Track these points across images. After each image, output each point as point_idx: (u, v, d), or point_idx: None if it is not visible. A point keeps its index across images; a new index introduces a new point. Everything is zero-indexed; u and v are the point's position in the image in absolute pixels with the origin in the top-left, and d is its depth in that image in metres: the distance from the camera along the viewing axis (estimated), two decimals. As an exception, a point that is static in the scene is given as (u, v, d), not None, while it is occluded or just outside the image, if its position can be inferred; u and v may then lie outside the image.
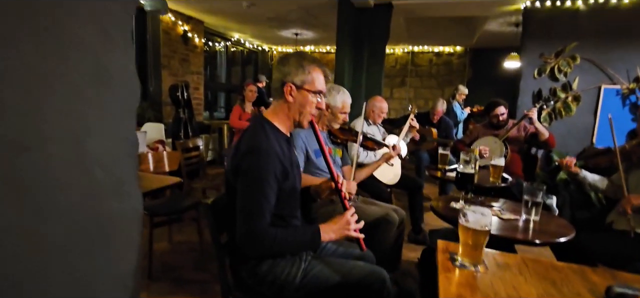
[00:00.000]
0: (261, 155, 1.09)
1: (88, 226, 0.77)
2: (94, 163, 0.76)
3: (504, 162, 2.33)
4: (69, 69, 0.68)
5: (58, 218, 0.70)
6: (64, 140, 0.68)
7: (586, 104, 3.47)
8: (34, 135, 0.64)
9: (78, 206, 0.74)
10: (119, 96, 0.82)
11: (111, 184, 0.83)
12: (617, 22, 3.29)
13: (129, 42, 0.83)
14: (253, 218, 1.07)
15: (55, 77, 0.65)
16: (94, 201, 0.78)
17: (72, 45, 0.68)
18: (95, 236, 0.79)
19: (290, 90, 1.17)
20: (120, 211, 0.87)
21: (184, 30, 5.25)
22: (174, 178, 1.90)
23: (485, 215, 0.92)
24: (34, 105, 0.63)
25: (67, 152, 0.69)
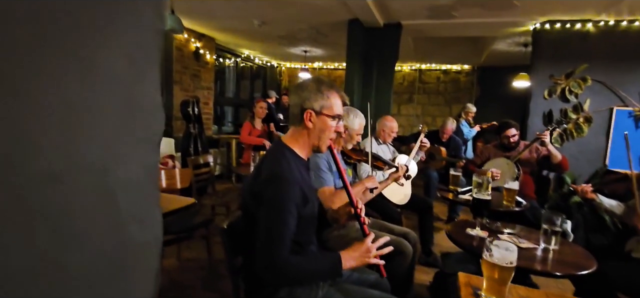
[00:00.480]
0: (283, 184, 1.09)
1: (110, 255, 0.78)
2: (119, 191, 0.77)
3: (518, 185, 2.31)
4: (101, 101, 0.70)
5: (82, 248, 0.70)
6: (92, 170, 0.69)
7: (598, 125, 3.44)
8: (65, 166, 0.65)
9: (101, 235, 0.75)
10: (145, 125, 0.84)
11: (134, 212, 0.84)
12: (628, 45, 3.29)
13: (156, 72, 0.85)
14: (275, 247, 1.07)
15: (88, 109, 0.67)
16: (117, 230, 0.79)
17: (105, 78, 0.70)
18: (116, 265, 0.80)
19: (309, 116, 1.18)
20: (142, 240, 0.88)
21: (196, 47, 5.34)
22: (189, 199, 1.90)
23: (510, 251, 0.91)
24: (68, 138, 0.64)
25: (95, 181, 0.70)
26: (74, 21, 0.61)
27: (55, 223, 0.65)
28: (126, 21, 0.74)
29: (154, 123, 0.85)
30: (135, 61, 0.77)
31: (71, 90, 0.63)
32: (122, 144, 0.76)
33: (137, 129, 0.80)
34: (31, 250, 0.60)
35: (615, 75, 3.34)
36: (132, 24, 0.76)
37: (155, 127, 0.87)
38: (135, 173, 0.81)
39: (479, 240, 1.63)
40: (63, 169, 0.64)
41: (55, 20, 0.59)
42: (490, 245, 0.94)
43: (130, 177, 0.79)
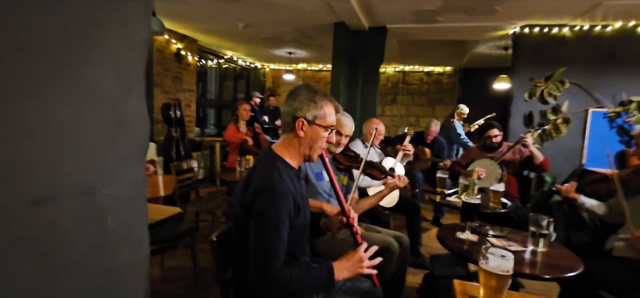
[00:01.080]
0: (275, 195, 1.07)
1: (98, 280, 0.73)
2: (106, 212, 0.73)
3: (503, 187, 2.36)
4: (87, 118, 0.65)
5: (68, 276, 0.66)
6: (77, 191, 0.65)
7: (575, 126, 3.57)
8: (49, 188, 0.61)
9: (88, 260, 0.70)
10: (132, 140, 0.79)
11: (122, 232, 0.79)
12: (602, 48, 3.43)
13: (142, 85, 0.81)
14: (268, 261, 1.04)
15: (73, 128, 0.63)
16: (104, 253, 0.74)
17: (92, 95, 0.66)
18: (105, 289, 0.75)
19: (301, 124, 1.16)
20: (131, 260, 0.84)
21: (177, 48, 5.21)
22: (174, 209, 1.84)
23: (506, 259, 0.92)
24: (49, 159, 0.60)
25: (80, 203, 0.66)
26: (60, 35, 0.57)
27: (40, 250, 0.60)
28: (115, 34, 0.69)
29: (140, 137, 0.81)
30: (123, 75, 0.72)
31: (56, 109, 0.58)
32: (109, 162, 0.71)
33: (124, 144, 0.75)
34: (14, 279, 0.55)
35: (590, 78, 3.47)
36: (121, 37, 0.71)
37: (142, 141, 0.82)
38: (123, 191, 0.77)
39: (469, 244, 1.65)
40: (47, 192, 0.59)
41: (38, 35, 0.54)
42: (486, 253, 0.94)
43: (118, 195, 0.75)
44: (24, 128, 0.54)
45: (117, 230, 0.77)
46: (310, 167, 1.89)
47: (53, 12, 0.56)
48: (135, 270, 0.85)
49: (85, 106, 0.66)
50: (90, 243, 0.72)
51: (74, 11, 0.60)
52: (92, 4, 0.62)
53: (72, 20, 0.60)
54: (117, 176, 0.76)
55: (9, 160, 0.53)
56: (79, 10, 0.60)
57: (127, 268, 0.82)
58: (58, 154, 0.60)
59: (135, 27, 0.73)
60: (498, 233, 1.78)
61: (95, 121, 0.68)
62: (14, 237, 0.55)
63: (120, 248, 0.79)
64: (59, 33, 0.58)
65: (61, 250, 0.65)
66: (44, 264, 0.62)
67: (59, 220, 0.64)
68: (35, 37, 0.55)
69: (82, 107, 0.64)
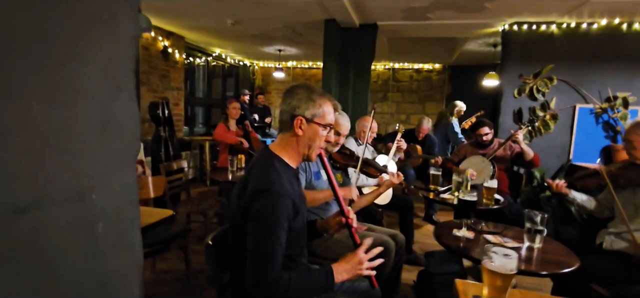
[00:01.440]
0: (274, 197, 1.04)
1: (89, 290, 0.70)
2: (96, 219, 0.69)
3: (496, 184, 2.38)
4: (75, 121, 0.62)
5: (57, 288, 0.62)
6: (65, 198, 0.61)
7: (562, 122, 3.63)
8: (34, 196, 0.57)
9: (79, 270, 0.67)
10: (123, 143, 0.75)
11: (114, 239, 0.75)
12: (589, 46, 3.50)
13: (132, 83, 0.77)
14: (267, 264, 1.01)
15: (59, 131, 0.59)
16: (96, 262, 0.71)
17: (78, 96, 0.62)
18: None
19: (300, 123, 1.13)
20: (123, 267, 0.80)
21: (164, 45, 5.09)
22: (166, 211, 1.79)
23: (510, 258, 0.91)
24: (34, 164, 0.56)
25: (68, 210, 0.62)
26: (41, 32, 0.53)
27: (26, 262, 0.56)
28: (102, 31, 0.65)
29: (130, 138, 0.77)
30: (111, 73, 0.68)
31: (38, 110, 0.54)
32: (98, 165, 0.67)
33: (114, 146, 0.71)
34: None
35: (577, 74, 3.53)
36: (108, 34, 0.67)
37: (133, 143, 0.78)
38: (114, 196, 0.73)
39: (466, 241, 1.65)
40: (31, 199, 0.55)
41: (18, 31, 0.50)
42: (490, 252, 0.93)
43: (108, 200, 0.71)
44: (4, 131, 0.50)
45: (108, 237, 0.74)
46: (308, 166, 1.87)
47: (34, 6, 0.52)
48: (128, 278, 0.81)
49: (71, 107, 0.61)
50: (81, 252, 0.68)
51: (57, 6, 0.55)
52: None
53: (55, 15, 0.56)
54: (107, 180, 0.72)
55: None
56: (61, 5, 0.56)
57: (120, 276, 0.78)
58: (42, 159, 0.56)
59: (122, 22, 0.69)
60: (493, 230, 1.78)
61: (82, 122, 0.64)
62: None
63: (113, 255, 0.76)
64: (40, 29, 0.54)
65: (49, 260, 0.61)
66: (30, 277, 0.58)
67: (45, 229, 0.60)
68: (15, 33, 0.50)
69: (67, 108, 0.60)
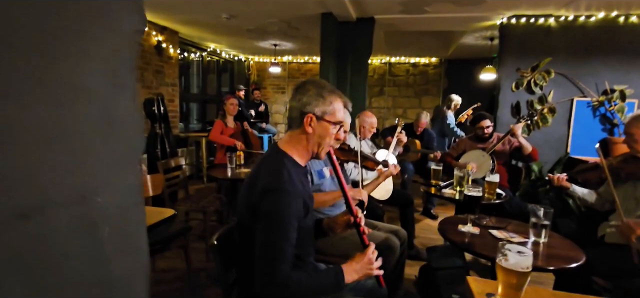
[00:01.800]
0: (284, 196, 1.01)
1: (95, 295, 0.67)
2: (101, 222, 0.66)
3: (498, 178, 2.38)
4: (77, 121, 0.59)
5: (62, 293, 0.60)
6: (68, 201, 0.59)
7: (560, 115, 3.65)
8: (35, 200, 0.54)
9: (84, 275, 0.64)
10: (126, 142, 0.73)
11: (119, 242, 0.73)
12: (586, 39, 3.51)
13: (134, 80, 0.74)
14: (277, 264, 0.99)
15: (60, 132, 0.56)
16: (101, 266, 0.68)
17: (80, 94, 0.59)
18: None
19: (310, 120, 1.11)
20: (130, 271, 0.77)
21: (158, 40, 5.01)
22: (168, 210, 1.75)
23: (525, 255, 0.90)
24: (36, 166, 0.53)
25: (72, 214, 0.60)
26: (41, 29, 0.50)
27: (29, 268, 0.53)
28: (103, 25, 0.62)
29: (135, 138, 0.74)
30: (112, 70, 0.65)
31: (37, 110, 0.51)
32: (102, 167, 0.65)
33: (117, 147, 0.69)
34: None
35: (574, 67, 3.55)
36: (110, 28, 0.64)
37: (137, 143, 0.75)
38: (119, 198, 0.70)
39: (471, 237, 1.65)
40: (33, 204, 0.52)
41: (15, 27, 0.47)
42: (504, 250, 0.92)
43: (113, 203, 0.68)
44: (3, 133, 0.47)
45: (114, 241, 0.71)
46: (312, 165, 1.85)
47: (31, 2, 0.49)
48: (135, 281, 0.79)
49: (72, 106, 0.58)
50: (86, 256, 0.66)
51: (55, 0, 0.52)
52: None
53: (53, 10, 0.52)
54: (111, 182, 0.69)
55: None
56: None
57: (127, 280, 0.76)
58: (44, 161, 0.53)
59: (123, 17, 0.66)
60: (498, 225, 1.78)
61: (84, 122, 0.61)
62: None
63: (119, 259, 0.73)
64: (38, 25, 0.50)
65: (53, 266, 0.59)
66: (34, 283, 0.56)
67: (48, 233, 0.57)
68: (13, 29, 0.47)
69: (69, 107, 0.57)
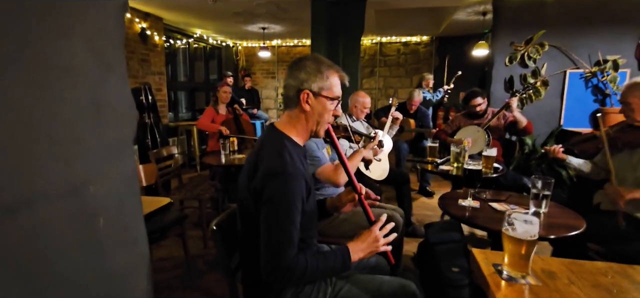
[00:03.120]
0: (288, 179, 0.98)
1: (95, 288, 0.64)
2: (96, 214, 0.62)
3: (495, 152, 2.38)
4: (63, 105, 0.54)
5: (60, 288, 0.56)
6: (59, 193, 0.54)
7: (553, 88, 3.65)
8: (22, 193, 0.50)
9: (81, 269, 0.61)
10: (118, 127, 0.68)
11: (117, 233, 0.69)
12: (580, 10, 3.48)
13: (122, 60, 0.69)
14: (282, 250, 0.96)
15: (45, 117, 0.51)
16: (98, 259, 0.64)
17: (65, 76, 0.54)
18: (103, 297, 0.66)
19: (307, 97, 1.07)
20: (129, 262, 0.74)
21: (141, 28, 4.85)
22: (164, 199, 1.71)
23: (532, 223, 0.89)
24: (20, 157, 0.48)
25: (64, 207, 0.55)
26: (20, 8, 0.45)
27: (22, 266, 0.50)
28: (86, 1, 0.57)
29: (127, 124, 0.70)
30: (99, 50, 0.60)
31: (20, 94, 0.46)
32: (93, 155, 0.60)
33: (110, 134, 0.64)
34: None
35: (568, 39, 3.53)
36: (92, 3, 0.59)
37: (129, 127, 0.71)
38: (114, 187, 0.66)
39: (472, 210, 1.64)
40: (23, 197, 0.48)
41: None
42: (511, 220, 0.91)
43: (108, 192, 0.64)
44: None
45: (111, 232, 0.67)
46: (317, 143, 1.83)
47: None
48: (135, 273, 0.75)
49: (56, 88, 0.53)
50: (82, 250, 0.62)
51: None
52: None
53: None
54: (104, 171, 0.65)
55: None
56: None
57: (127, 272, 0.72)
58: (29, 151, 0.49)
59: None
60: (497, 197, 1.78)
61: (71, 106, 0.56)
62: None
63: (117, 251, 0.70)
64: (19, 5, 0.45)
65: (47, 262, 0.55)
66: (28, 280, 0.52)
67: (40, 228, 0.53)
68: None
69: (52, 90, 0.52)
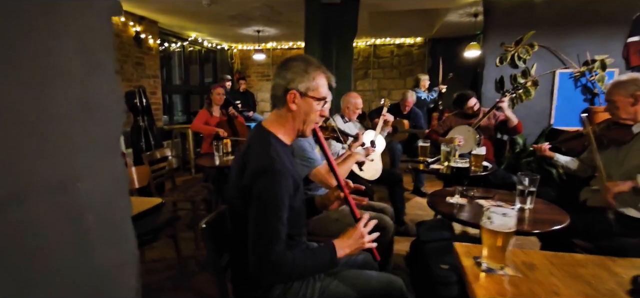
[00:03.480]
0: (275, 176, 1.00)
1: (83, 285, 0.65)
2: (85, 210, 0.64)
3: (484, 151, 2.41)
4: (53, 103, 0.56)
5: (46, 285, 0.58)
6: (47, 189, 0.56)
7: (543, 87, 3.70)
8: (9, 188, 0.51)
9: (70, 265, 0.62)
10: (107, 125, 0.70)
11: (106, 231, 0.71)
12: (569, 11, 3.54)
13: (111, 59, 0.71)
14: (270, 246, 0.98)
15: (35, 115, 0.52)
16: (87, 255, 0.66)
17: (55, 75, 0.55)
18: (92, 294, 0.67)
19: (294, 97, 1.09)
20: (118, 260, 0.75)
21: (136, 31, 4.85)
22: (155, 199, 1.72)
23: (509, 216, 0.91)
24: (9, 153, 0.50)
25: (53, 203, 0.57)
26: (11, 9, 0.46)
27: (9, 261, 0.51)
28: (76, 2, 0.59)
29: (115, 123, 0.72)
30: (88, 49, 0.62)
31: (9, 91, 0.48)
32: (83, 153, 0.62)
33: (98, 132, 0.66)
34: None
35: (557, 39, 3.59)
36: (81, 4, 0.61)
37: (117, 127, 0.73)
38: (102, 185, 0.68)
39: (459, 207, 1.67)
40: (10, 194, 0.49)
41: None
42: (489, 213, 0.93)
43: (96, 190, 0.66)
44: None
45: (100, 230, 0.68)
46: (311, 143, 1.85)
47: None
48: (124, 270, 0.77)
49: (46, 86, 0.55)
50: (70, 246, 0.63)
51: None
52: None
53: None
54: (93, 168, 0.66)
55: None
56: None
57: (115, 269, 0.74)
58: (18, 147, 0.50)
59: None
60: (485, 195, 1.81)
61: (61, 104, 0.57)
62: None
63: (106, 248, 0.71)
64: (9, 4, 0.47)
65: (35, 257, 0.56)
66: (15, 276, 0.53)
67: (28, 224, 0.54)
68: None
69: (43, 88, 0.54)
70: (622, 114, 1.85)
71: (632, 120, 1.82)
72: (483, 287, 0.84)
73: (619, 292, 0.81)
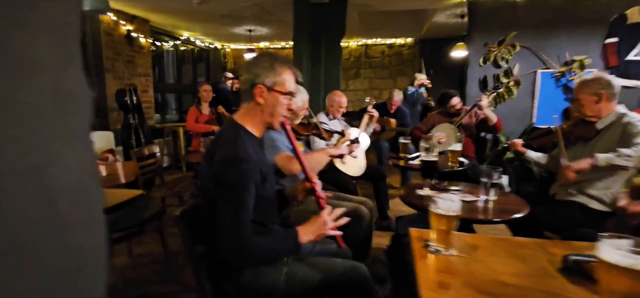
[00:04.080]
0: (241, 165, 1.07)
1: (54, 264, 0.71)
2: (57, 193, 0.70)
3: (461, 147, 2.49)
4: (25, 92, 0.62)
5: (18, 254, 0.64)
6: (21, 171, 0.62)
7: (525, 87, 3.80)
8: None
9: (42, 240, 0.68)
10: (77, 115, 0.76)
11: (77, 215, 0.77)
12: (549, 12, 3.64)
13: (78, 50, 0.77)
14: (237, 230, 1.05)
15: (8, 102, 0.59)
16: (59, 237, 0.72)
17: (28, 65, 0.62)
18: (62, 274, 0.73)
19: (260, 91, 1.16)
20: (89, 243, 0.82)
21: (127, 30, 4.89)
22: (134, 191, 1.78)
23: (454, 201, 0.99)
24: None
25: (26, 184, 0.63)
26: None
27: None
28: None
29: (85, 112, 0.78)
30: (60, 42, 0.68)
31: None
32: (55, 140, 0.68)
33: (69, 120, 0.72)
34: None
35: (538, 40, 3.69)
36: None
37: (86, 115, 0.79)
38: (73, 171, 0.74)
39: (428, 199, 1.74)
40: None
41: None
42: (436, 199, 1.01)
43: (68, 175, 0.72)
44: None
45: (72, 213, 0.75)
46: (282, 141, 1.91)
47: None
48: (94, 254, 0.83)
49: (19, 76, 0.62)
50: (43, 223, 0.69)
51: None
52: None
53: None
54: (64, 154, 0.72)
55: None
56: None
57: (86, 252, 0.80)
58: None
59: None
60: (455, 188, 1.89)
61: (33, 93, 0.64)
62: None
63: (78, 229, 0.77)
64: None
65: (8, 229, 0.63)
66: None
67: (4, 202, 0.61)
68: None
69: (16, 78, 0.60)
70: (587, 112, 1.93)
71: (596, 117, 1.90)
72: (426, 266, 0.91)
73: (549, 269, 0.89)
